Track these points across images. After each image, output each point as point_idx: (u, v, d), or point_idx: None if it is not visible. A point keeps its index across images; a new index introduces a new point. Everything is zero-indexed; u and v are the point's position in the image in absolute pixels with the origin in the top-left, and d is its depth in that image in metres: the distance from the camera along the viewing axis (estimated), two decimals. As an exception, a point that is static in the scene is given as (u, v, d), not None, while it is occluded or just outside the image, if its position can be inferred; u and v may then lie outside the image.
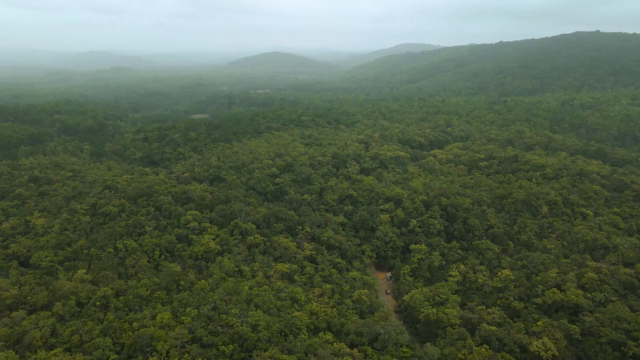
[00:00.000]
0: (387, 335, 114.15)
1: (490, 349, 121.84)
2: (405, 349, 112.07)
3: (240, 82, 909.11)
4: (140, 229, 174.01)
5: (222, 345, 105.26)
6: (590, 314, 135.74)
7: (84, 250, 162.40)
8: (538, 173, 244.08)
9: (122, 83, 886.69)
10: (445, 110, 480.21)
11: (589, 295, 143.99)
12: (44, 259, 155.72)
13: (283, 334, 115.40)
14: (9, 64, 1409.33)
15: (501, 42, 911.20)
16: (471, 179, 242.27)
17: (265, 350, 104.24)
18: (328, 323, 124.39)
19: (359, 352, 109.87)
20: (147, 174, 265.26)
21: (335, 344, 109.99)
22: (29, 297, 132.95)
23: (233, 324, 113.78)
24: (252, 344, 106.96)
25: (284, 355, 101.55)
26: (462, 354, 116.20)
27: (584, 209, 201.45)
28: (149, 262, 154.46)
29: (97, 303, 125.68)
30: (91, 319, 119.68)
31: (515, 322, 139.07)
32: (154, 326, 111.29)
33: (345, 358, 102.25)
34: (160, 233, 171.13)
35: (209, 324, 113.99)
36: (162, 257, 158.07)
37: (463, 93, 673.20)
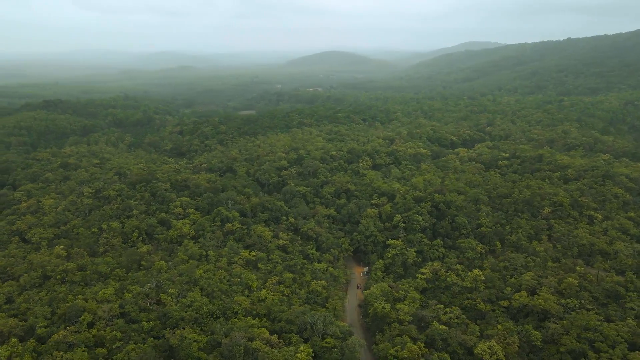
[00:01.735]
0: (315, 325, 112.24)
1: (425, 347, 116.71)
2: (329, 340, 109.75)
3: (295, 81, 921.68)
4: (129, 212, 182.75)
5: (144, 321, 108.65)
6: (558, 321, 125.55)
7: (74, 230, 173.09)
8: (558, 174, 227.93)
9: (184, 81, 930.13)
10: (492, 109, 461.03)
11: (563, 301, 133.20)
12: (37, 236, 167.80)
13: (215, 316, 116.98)
14: (87, 64, 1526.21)
15: (569, 38, 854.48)
16: (480, 176, 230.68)
17: (182, 329, 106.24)
18: (269, 310, 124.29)
19: (279, 338, 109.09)
20: (167, 163, 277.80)
21: (256, 329, 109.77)
22: (8, 268, 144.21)
23: (167, 303, 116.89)
24: (174, 322, 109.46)
25: (192, 334, 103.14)
26: (394, 350, 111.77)
27: (593, 212, 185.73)
28: (125, 242, 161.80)
29: (58, 276, 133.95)
30: (48, 290, 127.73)
31: (478, 323, 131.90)
32: (93, 300, 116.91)
33: (254, 343, 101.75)
34: (145, 217, 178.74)
35: (145, 301, 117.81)
36: (140, 238, 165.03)
37: (519, 92, 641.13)
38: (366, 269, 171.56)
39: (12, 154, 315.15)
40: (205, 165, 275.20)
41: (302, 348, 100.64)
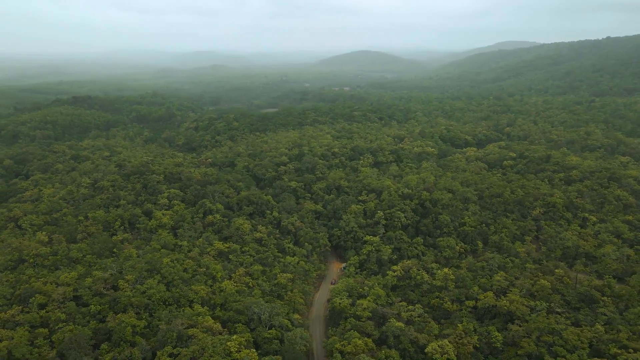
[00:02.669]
0: (262, 316, 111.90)
1: (379, 343, 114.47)
2: (272, 331, 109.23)
3: (323, 80, 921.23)
4: (117, 201, 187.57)
5: (93, 305, 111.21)
6: (522, 323, 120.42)
7: (64, 218, 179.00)
8: (562, 175, 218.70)
9: (214, 79, 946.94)
10: (516, 110, 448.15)
11: (532, 303, 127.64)
12: (27, 222, 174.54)
13: (167, 303, 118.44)
14: (125, 63, 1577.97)
15: (608, 37, 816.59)
16: (479, 176, 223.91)
17: (126, 313, 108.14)
18: (225, 300, 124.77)
19: (223, 327, 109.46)
20: (173, 157, 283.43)
21: (200, 317, 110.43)
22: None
23: (123, 288, 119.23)
24: (122, 307, 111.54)
25: (132, 319, 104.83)
26: (340, 345, 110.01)
27: (587, 214, 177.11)
28: (107, 230, 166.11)
29: (31, 260, 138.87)
30: (18, 272, 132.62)
31: (442, 323, 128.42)
32: (54, 283, 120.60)
33: (191, 330, 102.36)
34: (132, 207, 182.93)
35: (100, 286, 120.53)
36: (122, 227, 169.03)
37: (549, 92, 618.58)
38: (344, 264, 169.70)
39: (33, 146, 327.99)
40: (210, 159, 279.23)
41: (235, 337, 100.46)
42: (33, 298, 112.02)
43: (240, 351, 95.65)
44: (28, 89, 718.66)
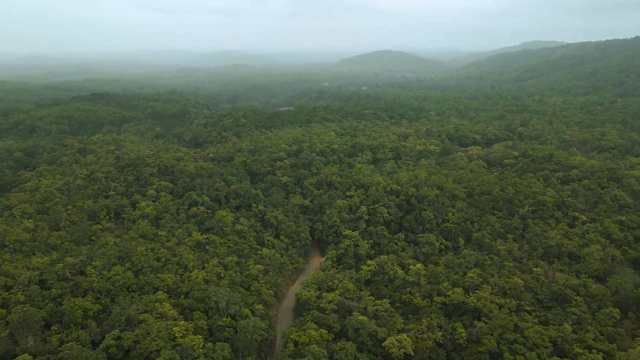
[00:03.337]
0: (220, 304, 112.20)
1: (339, 335, 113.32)
2: (227, 319, 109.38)
3: (343, 79, 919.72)
4: (107, 192, 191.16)
5: (54, 289, 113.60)
6: (488, 321, 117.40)
7: (55, 207, 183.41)
8: (560, 174, 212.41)
9: (234, 78, 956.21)
10: (532, 110, 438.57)
11: (502, 301, 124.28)
12: (20, 210, 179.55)
13: (131, 289, 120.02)
14: (150, 62, 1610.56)
15: (637, 37, 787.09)
16: (473, 174, 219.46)
17: (84, 297, 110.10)
18: (191, 288, 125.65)
19: (180, 314, 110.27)
20: (176, 152, 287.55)
21: (157, 304, 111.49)
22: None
23: (90, 274, 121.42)
24: (83, 292, 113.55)
25: (86, 302, 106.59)
26: (296, 335, 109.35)
27: (577, 214, 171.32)
28: (91, 219, 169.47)
29: (10, 245, 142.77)
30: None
31: (410, 318, 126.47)
32: (25, 267, 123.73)
33: (142, 315, 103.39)
34: (120, 197, 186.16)
35: (66, 271, 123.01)
36: (107, 217, 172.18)
37: (571, 92, 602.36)
38: (324, 258, 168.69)
39: (46, 140, 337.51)
40: (212, 155, 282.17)
41: (182, 323, 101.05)
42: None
43: (185, 337, 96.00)
44: (53, 87, 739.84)
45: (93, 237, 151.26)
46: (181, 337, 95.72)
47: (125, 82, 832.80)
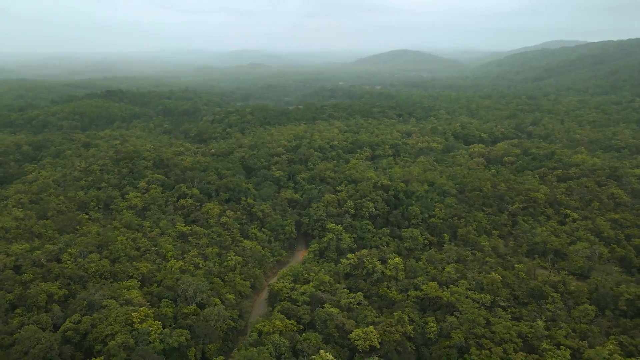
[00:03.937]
0: (185, 293, 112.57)
1: (307, 326, 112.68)
2: (191, 307, 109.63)
3: (358, 78, 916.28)
4: (99, 184, 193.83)
5: (26, 274, 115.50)
6: (459, 315, 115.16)
7: (48, 198, 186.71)
8: (559, 172, 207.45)
9: (249, 77, 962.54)
10: (545, 109, 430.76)
11: (477, 296, 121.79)
12: (13, 200, 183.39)
13: (103, 277, 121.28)
14: (168, 62, 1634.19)
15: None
16: (469, 170, 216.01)
17: (55, 282, 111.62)
18: (164, 277, 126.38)
19: (147, 301, 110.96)
20: (178, 147, 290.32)
21: (125, 291, 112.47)
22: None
23: (64, 261, 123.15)
24: (54, 277, 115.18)
25: (53, 287, 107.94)
26: (261, 325, 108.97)
27: (569, 211, 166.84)
28: (80, 210, 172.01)
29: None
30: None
31: (384, 312, 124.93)
32: (5, 253, 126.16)
33: (106, 300, 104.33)
34: (111, 189, 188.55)
35: (41, 257, 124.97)
36: (96, 208, 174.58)
37: (589, 92, 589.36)
38: (307, 252, 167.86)
39: (56, 134, 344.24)
40: (213, 150, 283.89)
41: (142, 309, 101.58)
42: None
43: (143, 322, 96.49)
44: (72, 84, 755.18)
45: (77, 227, 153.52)
46: (140, 323, 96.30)
47: (143, 81, 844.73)
